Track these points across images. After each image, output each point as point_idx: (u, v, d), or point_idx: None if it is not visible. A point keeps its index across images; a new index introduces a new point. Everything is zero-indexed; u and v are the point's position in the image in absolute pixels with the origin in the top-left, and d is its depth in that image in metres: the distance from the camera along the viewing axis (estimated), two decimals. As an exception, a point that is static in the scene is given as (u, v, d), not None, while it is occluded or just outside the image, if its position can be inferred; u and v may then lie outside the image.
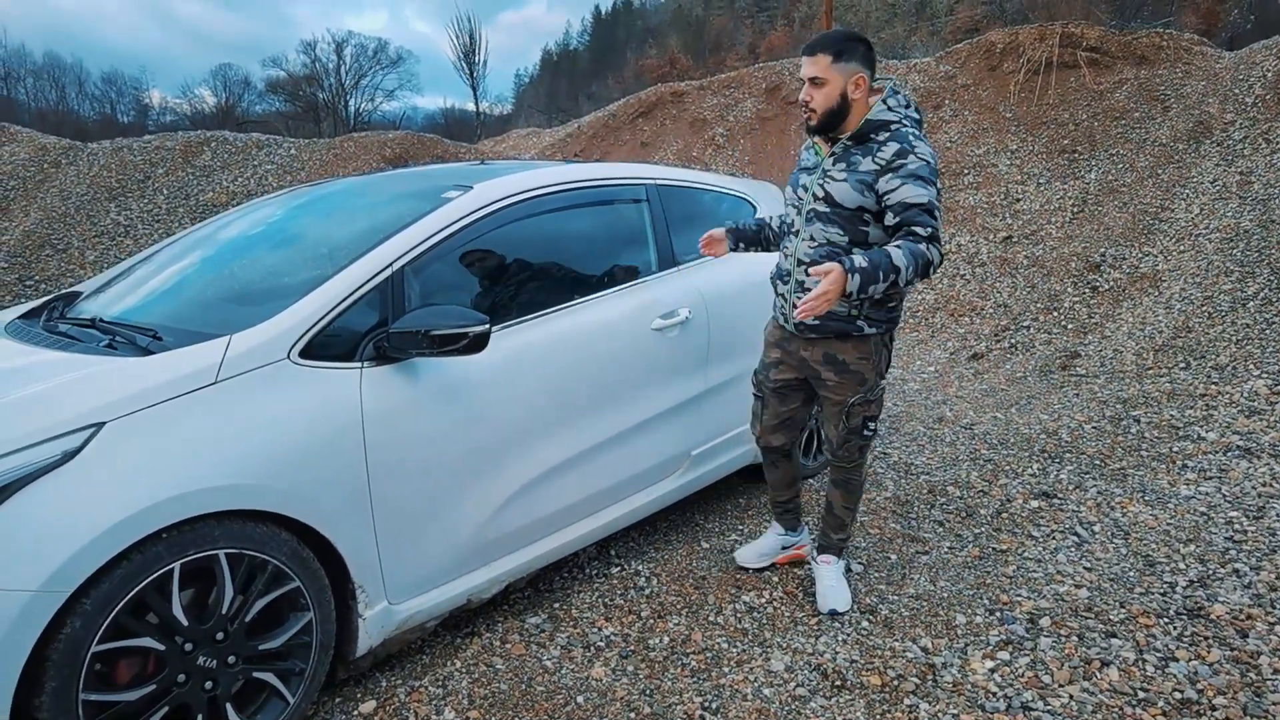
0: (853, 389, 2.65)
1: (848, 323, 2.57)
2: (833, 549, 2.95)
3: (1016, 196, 8.39)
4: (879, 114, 2.50)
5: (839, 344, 2.62)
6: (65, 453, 1.77)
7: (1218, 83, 8.46)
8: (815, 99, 2.51)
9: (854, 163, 2.50)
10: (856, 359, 2.62)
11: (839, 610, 2.81)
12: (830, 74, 2.48)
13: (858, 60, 2.48)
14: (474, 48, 32.56)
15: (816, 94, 2.51)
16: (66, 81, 49.98)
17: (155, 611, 1.87)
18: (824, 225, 2.55)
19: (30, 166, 10.09)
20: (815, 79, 2.50)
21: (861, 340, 2.61)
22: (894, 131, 2.48)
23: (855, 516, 2.94)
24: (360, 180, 3.43)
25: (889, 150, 2.44)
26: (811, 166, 2.65)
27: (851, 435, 2.72)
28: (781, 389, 2.83)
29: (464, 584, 2.51)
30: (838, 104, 2.50)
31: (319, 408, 2.13)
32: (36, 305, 2.95)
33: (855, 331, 2.58)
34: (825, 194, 2.54)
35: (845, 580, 2.92)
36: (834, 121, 2.52)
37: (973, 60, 10.57)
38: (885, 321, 2.61)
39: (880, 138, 2.48)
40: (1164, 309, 5.99)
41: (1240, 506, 3.50)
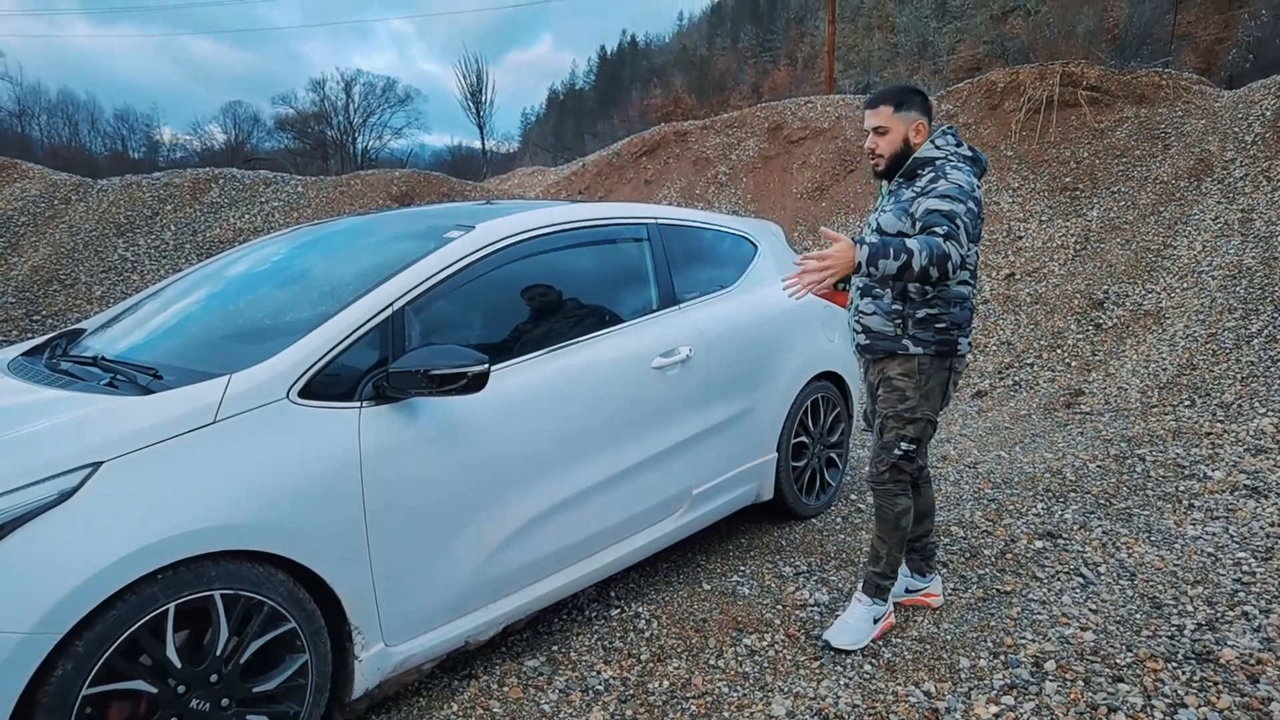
0: (891, 403, 2.79)
1: (894, 341, 2.77)
2: (867, 585, 2.90)
3: (1019, 234, 8.43)
4: (926, 152, 2.74)
5: (888, 362, 2.81)
6: (62, 492, 1.77)
7: (1217, 121, 8.53)
8: (881, 146, 2.78)
9: (899, 195, 2.76)
10: (900, 375, 2.77)
11: (833, 645, 2.78)
12: (893, 122, 2.75)
13: (916, 109, 2.76)
14: (481, 87, 32.97)
15: (881, 141, 2.78)
16: (79, 118, 50.74)
17: (148, 653, 1.85)
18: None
19: (41, 202, 10.20)
20: (879, 128, 2.77)
21: (907, 359, 2.77)
22: (937, 166, 2.70)
23: (891, 553, 2.86)
24: (364, 219, 3.46)
25: (923, 180, 2.69)
26: (877, 205, 2.93)
27: (882, 450, 2.81)
28: (871, 414, 3.03)
29: (461, 626, 2.48)
30: (901, 149, 2.76)
31: (317, 448, 2.13)
32: (39, 342, 2.97)
33: (900, 350, 2.76)
34: (877, 225, 2.81)
35: (868, 623, 2.85)
36: (899, 165, 2.78)
37: (974, 99, 10.67)
38: (934, 344, 2.73)
39: (925, 172, 2.71)
40: (1168, 346, 5.97)
41: (1248, 547, 3.46)
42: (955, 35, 54.02)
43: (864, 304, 2.83)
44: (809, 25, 68.40)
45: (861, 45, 60.97)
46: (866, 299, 2.83)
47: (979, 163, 2.79)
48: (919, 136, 2.75)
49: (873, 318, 2.80)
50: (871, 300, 2.80)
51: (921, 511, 3.04)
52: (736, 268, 3.70)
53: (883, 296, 2.77)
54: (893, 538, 2.85)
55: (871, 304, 2.80)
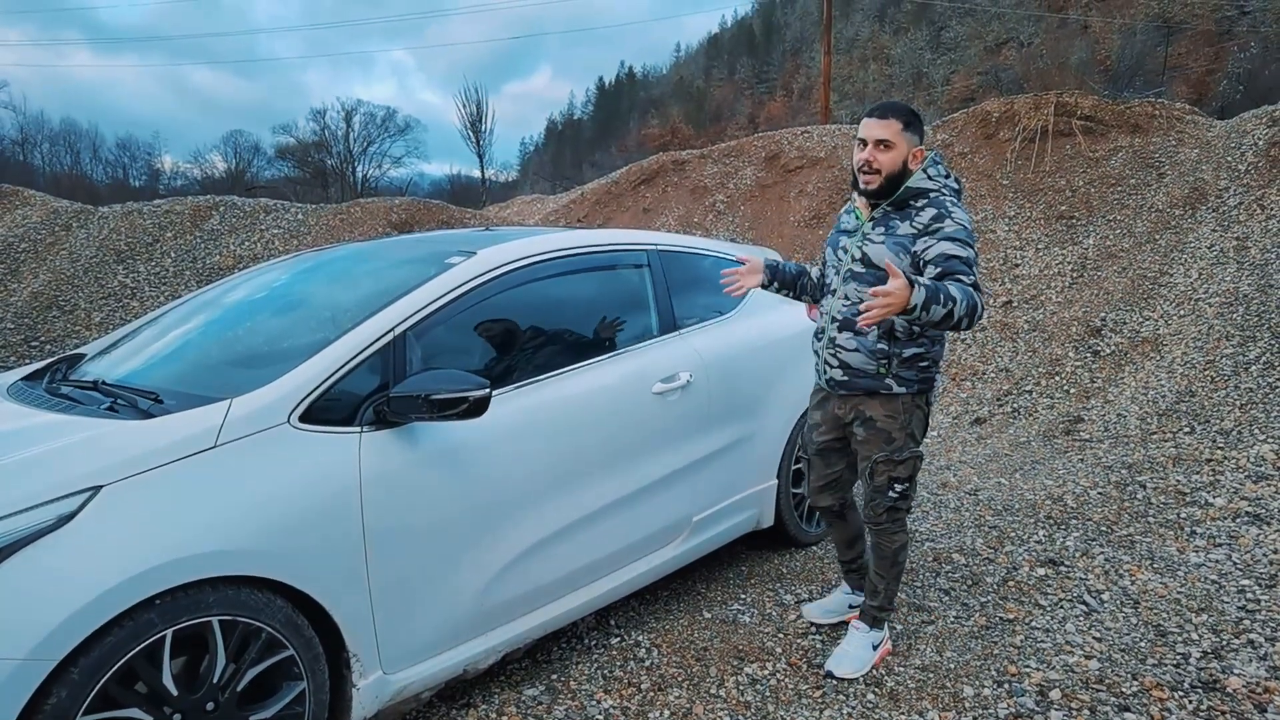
0: (878, 446, 2.68)
1: (876, 380, 2.64)
2: (865, 616, 2.90)
3: (1015, 262, 8.47)
4: (918, 182, 2.58)
5: (868, 401, 2.68)
6: (61, 516, 1.76)
7: (1211, 150, 8.61)
8: (880, 161, 2.56)
9: (892, 227, 2.58)
10: (884, 417, 2.66)
11: (835, 674, 2.77)
12: (900, 140, 2.56)
13: (919, 134, 2.60)
14: (481, 116, 33.29)
15: (882, 157, 2.56)
16: (82, 146, 51.15)
17: (144, 680, 1.83)
18: (859, 285, 2.62)
19: (42, 229, 10.24)
20: (885, 141, 2.56)
21: (890, 399, 2.65)
22: (932, 199, 2.56)
23: (889, 586, 2.86)
24: (365, 245, 3.47)
25: (926, 215, 2.53)
26: (852, 229, 2.72)
27: (876, 494, 2.74)
28: (824, 450, 2.90)
29: (460, 653, 2.45)
30: (899, 170, 2.57)
31: (317, 473, 2.12)
32: (40, 367, 2.97)
33: (884, 390, 2.64)
34: (863, 255, 2.63)
35: (868, 650, 2.84)
36: (892, 188, 2.58)
37: (969, 129, 10.78)
38: (916, 382, 2.65)
39: (918, 204, 2.56)
40: (1166, 373, 5.98)
41: (1252, 575, 3.45)
42: (950, 66, 54.69)
43: (843, 338, 2.66)
44: (805, 57, 69.26)
45: (857, 76, 61.67)
46: (846, 333, 2.65)
47: (961, 193, 2.67)
48: (914, 163, 2.59)
49: (854, 354, 2.65)
50: (853, 336, 2.64)
51: (855, 535, 3.07)
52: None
53: (867, 334, 2.61)
54: (891, 573, 2.85)
55: (853, 340, 2.64)
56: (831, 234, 2.86)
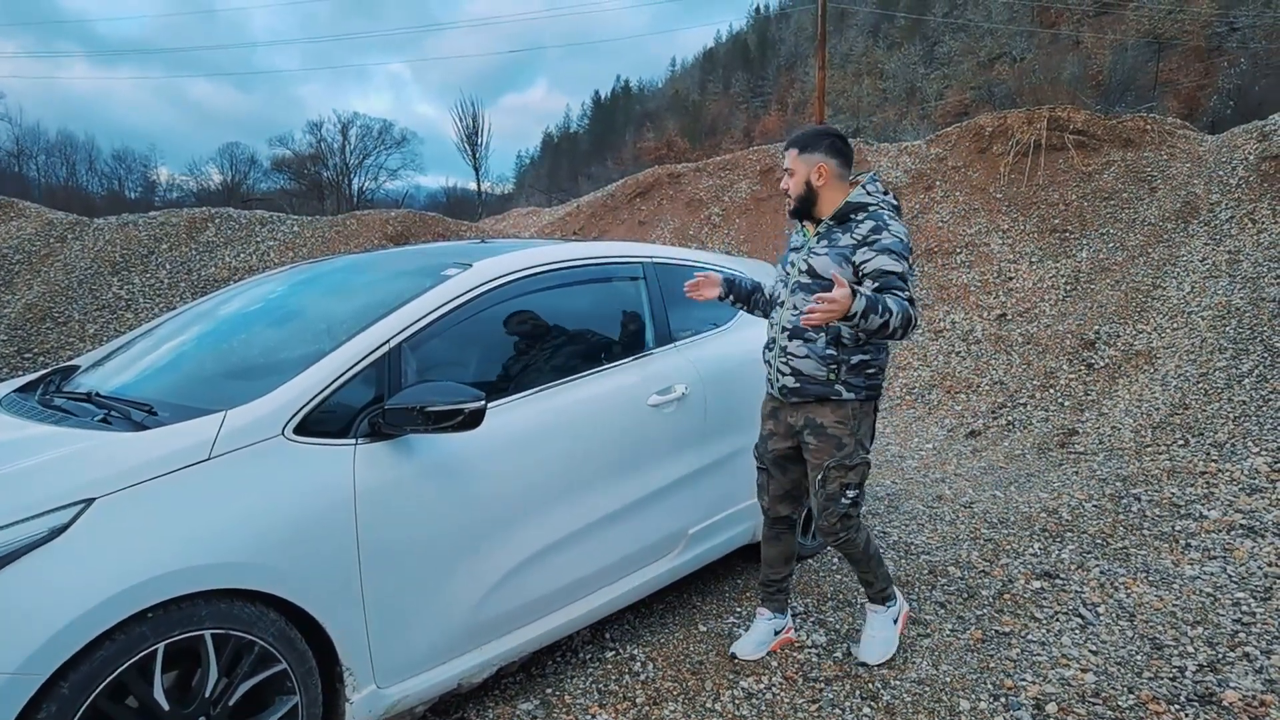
0: (829, 453, 2.77)
1: (826, 386, 2.75)
2: (874, 599, 3.03)
3: (1009, 275, 8.50)
4: (858, 197, 2.77)
5: (818, 408, 2.78)
6: (53, 529, 1.75)
7: (1202, 165, 8.67)
8: (789, 185, 2.86)
9: (834, 239, 2.76)
10: (834, 423, 2.76)
11: (869, 663, 2.91)
12: (797, 164, 2.81)
13: (821, 151, 2.79)
14: (477, 129, 33.41)
15: (790, 182, 2.85)
16: (77, 158, 51.15)
17: (135, 695, 1.81)
18: (806, 295, 2.75)
19: (36, 241, 10.22)
20: (788, 169, 2.86)
21: (839, 405, 2.76)
22: (870, 212, 2.74)
23: (876, 568, 2.98)
24: (361, 257, 3.47)
25: (865, 227, 2.70)
26: (799, 246, 2.89)
27: (829, 502, 2.80)
28: (780, 459, 2.95)
29: (455, 667, 2.44)
30: (804, 190, 2.81)
31: (312, 485, 2.11)
32: (33, 378, 2.95)
33: (834, 396, 2.75)
34: (808, 267, 2.78)
35: (890, 627, 3.01)
36: (805, 205, 2.82)
37: (963, 143, 10.84)
38: (864, 389, 2.77)
39: (859, 218, 2.74)
40: (1160, 386, 6.00)
41: (1247, 587, 3.45)
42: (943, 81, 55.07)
43: (794, 346, 2.77)
44: (799, 71, 69.67)
45: (851, 91, 62.04)
46: (796, 341, 2.77)
47: (900, 212, 2.84)
48: (820, 179, 2.77)
49: (805, 361, 2.75)
50: (803, 343, 2.75)
51: (792, 552, 3.10)
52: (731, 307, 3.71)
53: (816, 340, 2.73)
54: (870, 564, 2.96)
55: (803, 347, 2.75)
56: (783, 253, 3.02)
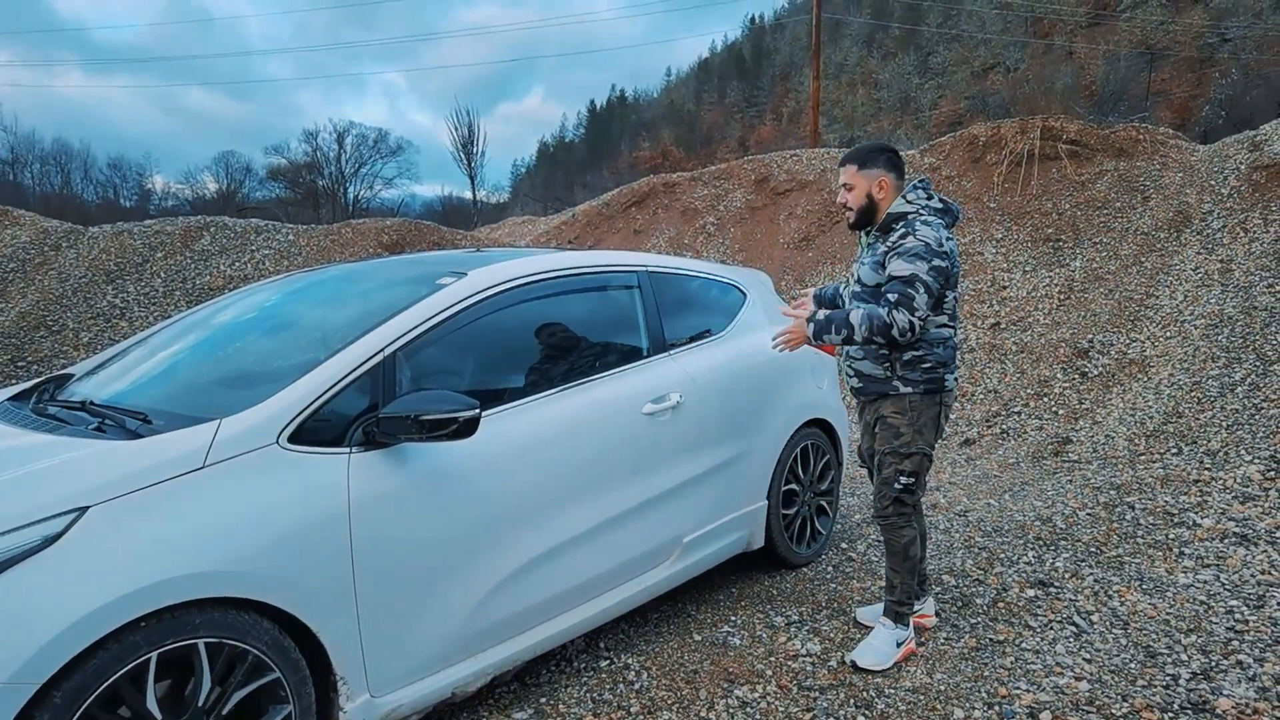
0: (887, 441, 2.97)
1: (885, 383, 2.96)
2: (888, 612, 3.07)
3: (1003, 284, 8.54)
4: (898, 207, 2.94)
5: (882, 402, 2.99)
6: (46, 537, 1.75)
7: (1194, 174, 8.72)
8: (848, 199, 3.02)
9: (875, 249, 2.97)
10: (893, 413, 2.96)
11: (860, 665, 2.94)
12: (857, 180, 2.98)
13: (880, 166, 2.97)
14: (473, 139, 33.48)
15: (849, 197, 3.02)
16: (73, 167, 51.05)
17: (128, 704, 1.81)
18: (859, 301, 2.97)
19: (31, 249, 10.20)
20: (846, 184, 3.01)
21: (899, 398, 2.95)
22: (907, 220, 2.90)
23: (905, 581, 3.04)
24: (356, 266, 3.47)
25: (894, 236, 2.89)
26: (858, 256, 3.11)
27: (883, 486, 2.99)
28: (870, 454, 3.17)
29: (449, 676, 2.43)
30: (865, 203, 2.98)
31: (306, 494, 2.11)
32: (27, 387, 2.95)
33: (892, 391, 2.95)
34: (858, 276, 3.02)
35: (891, 646, 3.00)
36: (867, 218, 3.00)
37: (956, 152, 10.89)
38: (922, 382, 2.92)
39: (897, 227, 2.90)
40: (1153, 394, 6.02)
41: (1240, 595, 3.46)
42: (937, 91, 55.36)
43: (854, 351, 3.02)
44: (794, 81, 69.99)
45: (846, 101, 62.34)
46: (854, 345, 2.95)
47: (950, 213, 2.99)
48: (881, 192, 2.95)
49: (863, 362, 3.00)
50: (860, 347, 2.97)
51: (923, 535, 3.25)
52: (726, 315, 3.73)
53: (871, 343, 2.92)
54: (904, 567, 3.02)
55: (860, 350, 3.00)
56: None
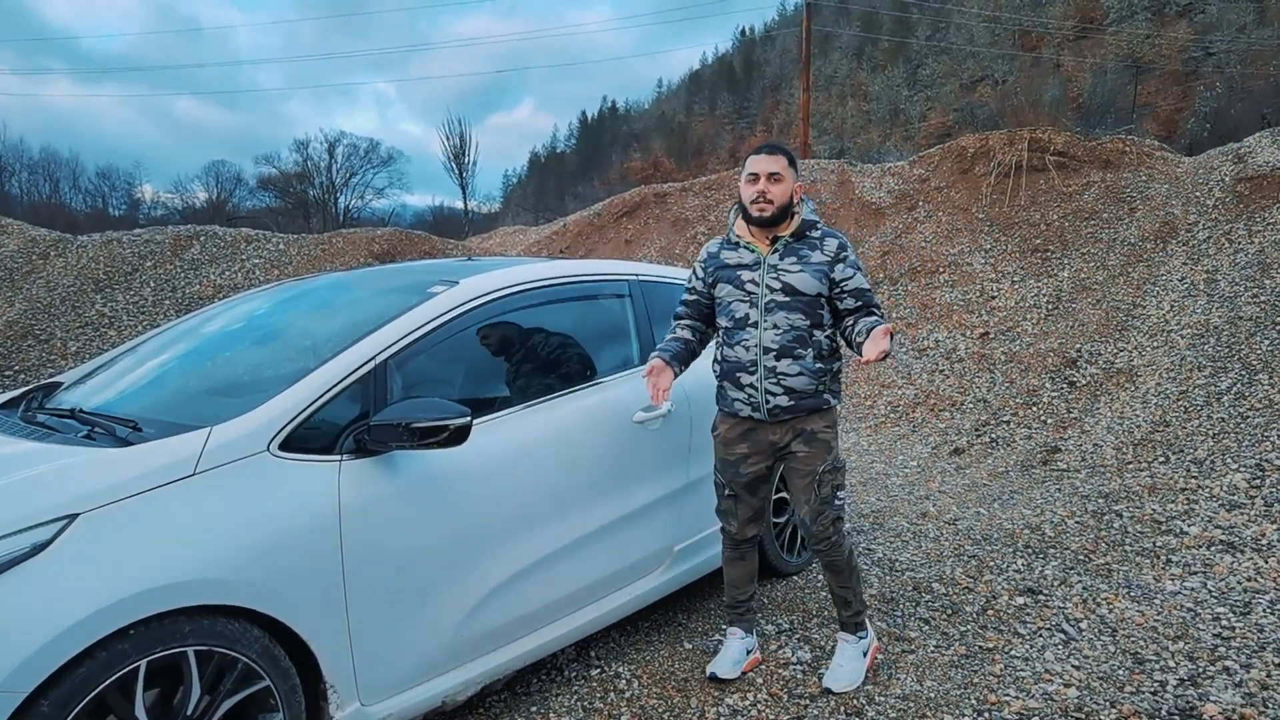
0: (820, 457, 2.83)
1: (817, 398, 2.82)
2: (848, 626, 3.02)
3: (992, 294, 8.59)
4: (809, 215, 2.87)
5: (809, 419, 2.83)
6: (35, 545, 1.74)
7: (1180, 186, 8.81)
8: (773, 192, 2.77)
9: (803, 256, 2.81)
10: (824, 428, 2.84)
11: (833, 690, 2.86)
12: (787, 173, 2.80)
13: (797, 171, 2.86)
14: (464, 148, 33.53)
15: (774, 188, 2.78)
16: (61, 175, 50.84)
17: (116, 713, 1.80)
18: (787, 313, 2.78)
19: (19, 258, 10.16)
20: (775, 174, 2.78)
21: (828, 411, 2.87)
22: (823, 230, 2.87)
23: (858, 592, 2.98)
24: (347, 275, 3.48)
25: (831, 245, 2.83)
26: (751, 263, 2.84)
27: (824, 506, 2.84)
28: (753, 482, 2.93)
29: (439, 685, 2.43)
30: (786, 203, 2.80)
31: (296, 501, 2.11)
32: (15, 395, 2.94)
33: (824, 405, 2.84)
34: (783, 285, 2.79)
35: (859, 659, 2.97)
36: (781, 217, 2.80)
37: (945, 163, 10.97)
38: (838, 392, 2.91)
39: (814, 235, 2.85)
40: (1141, 404, 6.07)
41: (1227, 602, 3.48)
42: (926, 103, 55.78)
43: (784, 365, 2.75)
44: (784, 93, 70.39)
45: (835, 112, 62.72)
46: (786, 360, 2.75)
47: None
48: (797, 196, 2.85)
49: (797, 379, 2.76)
50: (793, 361, 2.75)
51: (754, 571, 3.11)
52: None
53: (804, 356, 2.76)
54: (852, 580, 2.96)
55: (793, 364, 2.76)
56: (720, 271, 2.89)
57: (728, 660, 3.01)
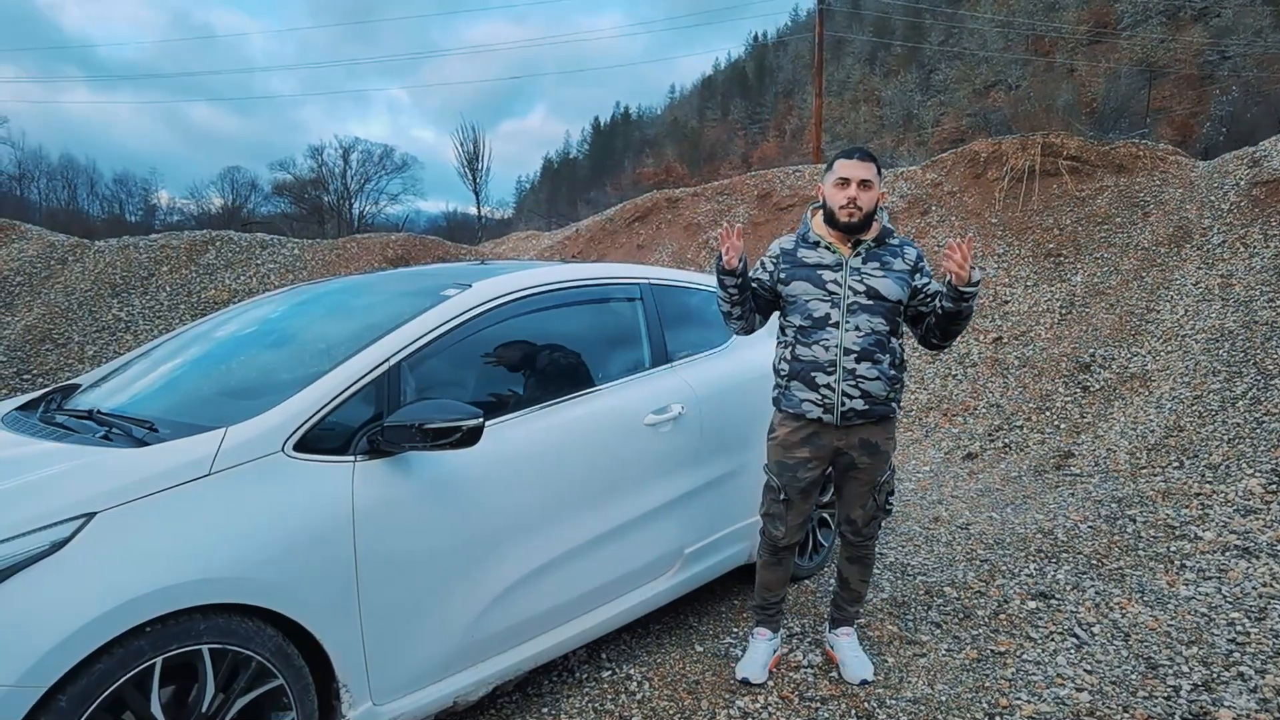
0: (881, 469, 2.90)
1: (886, 405, 2.84)
2: (848, 621, 3.11)
3: (1005, 299, 8.56)
4: (887, 224, 2.91)
5: (873, 428, 2.86)
6: (54, 542, 1.77)
7: (1194, 190, 8.76)
8: (863, 199, 2.79)
9: (886, 262, 2.83)
10: (885, 439, 2.89)
11: (869, 680, 2.95)
12: (876, 180, 2.83)
13: (882, 177, 2.89)
14: (478, 155, 33.66)
15: (864, 195, 2.79)
16: (79, 182, 51.37)
17: (133, 709, 1.82)
18: (869, 316, 2.80)
19: (37, 263, 10.27)
20: (867, 181, 2.79)
21: (890, 422, 2.92)
22: (901, 239, 2.91)
23: (869, 585, 3.16)
24: (361, 278, 3.51)
25: (911, 254, 2.87)
26: (833, 264, 2.82)
27: (878, 512, 2.96)
28: (809, 486, 2.93)
29: (451, 685, 2.44)
30: (874, 207, 2.82)
31: (311, 501, 2.13)
32: (35, 397, 2.98)
33: (891, 414, 2.88)
34: (867, 288, 2.80)
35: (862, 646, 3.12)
36: (867, 223, 2.82)
37: (958, 168, 10.94)
38: (900, 405, 2.95)
39: (893, 242, 2.88)
40: (1155, 408, 6.03)
41: (1241, 608, 3.46)
42: (939, 108, 55.62)
43: (863, 369, 2.76)
44: (797, 98, 70.34)
45: (848, 117, 62.63)
46: (865, 364, 2.76)
47: None
48: (881, 203, 2.88)
49: (875, 383, 2.77)
50: (872, 365, 2.76)
51: (789, 576, 3.14)
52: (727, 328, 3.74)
53: (882, 361, 2.78)
54: (869, 575, 3.13)
55: (873, 369, 2.76)
56: (795, 269, 2.86)
57: (756, 663, 3.02)
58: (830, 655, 3.10)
